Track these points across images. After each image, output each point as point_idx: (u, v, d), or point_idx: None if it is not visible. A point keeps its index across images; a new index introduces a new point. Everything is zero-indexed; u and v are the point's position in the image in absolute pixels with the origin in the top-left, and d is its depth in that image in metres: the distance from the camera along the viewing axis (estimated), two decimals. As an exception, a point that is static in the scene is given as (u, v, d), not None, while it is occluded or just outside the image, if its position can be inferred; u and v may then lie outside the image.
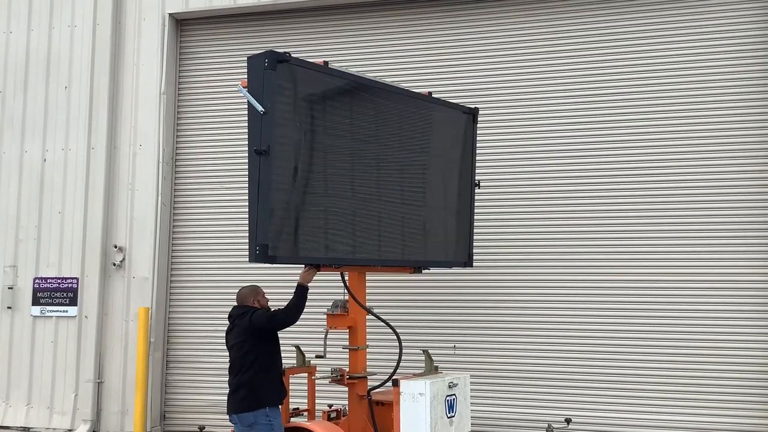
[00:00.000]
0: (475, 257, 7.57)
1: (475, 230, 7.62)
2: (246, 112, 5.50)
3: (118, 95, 9.50)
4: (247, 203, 9.03)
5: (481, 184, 7.54)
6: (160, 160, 9.25)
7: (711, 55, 7.93)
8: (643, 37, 8.15)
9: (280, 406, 6.08)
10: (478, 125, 7.57)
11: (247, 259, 5.91)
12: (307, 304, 7.92)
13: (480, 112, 7.60)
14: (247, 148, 5.70)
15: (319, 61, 6.23)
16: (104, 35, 9.53)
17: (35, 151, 9.64)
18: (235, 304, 6.26)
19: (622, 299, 7.91)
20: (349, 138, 6.20)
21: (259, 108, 5.48)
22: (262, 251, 5.48)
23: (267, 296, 6.34)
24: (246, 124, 9.43)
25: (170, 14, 9.46)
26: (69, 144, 9.52)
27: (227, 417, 6.11)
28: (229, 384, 6.04)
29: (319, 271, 6.07)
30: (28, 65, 9.81)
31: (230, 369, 6.05)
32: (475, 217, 7.77)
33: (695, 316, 7.69)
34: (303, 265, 6.03)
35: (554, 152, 8.29)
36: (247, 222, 9.14)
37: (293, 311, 5.92)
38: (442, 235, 7.05)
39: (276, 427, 5.95)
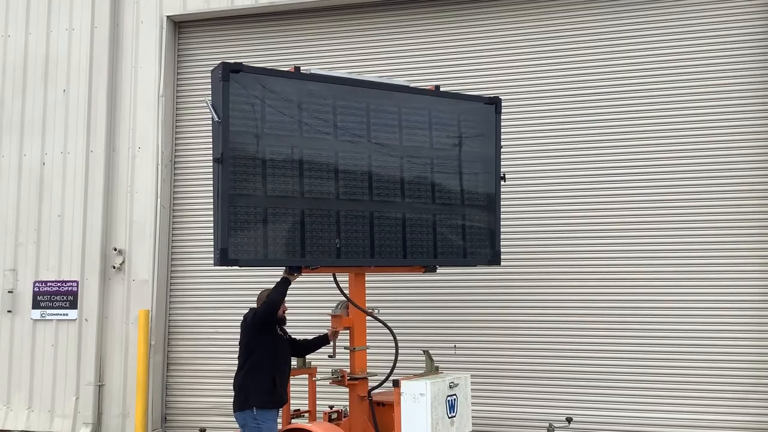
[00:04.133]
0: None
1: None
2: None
3: (116, 98, 9.50)
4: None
5: (506, 177, 7.27)
6: (159, 163, 9.25)
7: (714, 60, 7.92)
8: (649, 42, 8.14)
9: (275, 410, 6.09)
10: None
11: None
12: (311, 305, 7.96)
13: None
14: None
15: (291, 67, 6.32)
16: (102, 38, 9.53)
17: (34, 154, 9.64)
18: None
19: (624, 299, 7.90)
20: (330, 139, 6.24)
21: (215, 117, 5.78)
22: (222, 255, 5.73)
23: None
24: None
25: (168, 16, 9.46)
26: (68, 147, 9.52)
27: (228, 419, 6.19)
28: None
29: (301, 273, 6.15)
30: (26, 68, 9.81)
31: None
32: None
33: (697, 315, 7.69)
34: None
35: (560, 155, 8.28)
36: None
37: (268, 303, 6.09)
38: (458, 233, 6.88)
39: (265, 430, 5.96)
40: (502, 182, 7.15)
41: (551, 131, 8.33)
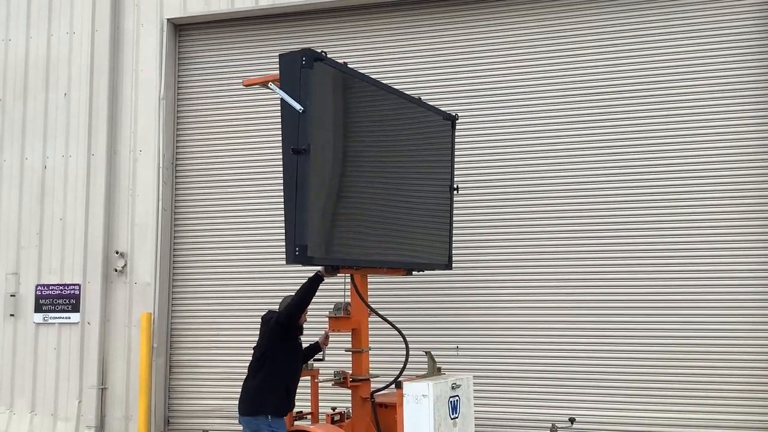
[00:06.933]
0: (477, 258, 7.65)
1: (475, 231, 7.66)
2: (243, 114, 5.44)
3: (117, 101, 9.51)
4: (248, 205, 9.10)
5: (459, 188, 7.54)
6: (161, 165, 9.26)
7: (706, 60, 7.93)
8: (637, 41, 8.15)
9: (284, 417, 6.05)
10: (474, 129, 7.60)
11: (259, 261, 5.73)
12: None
13: (474, 114, 7.60)
14: (249, 149, 5.73)
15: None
16: (103, 41, 9.55)
17: (35, 158, 9.65)
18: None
19: (625, 299, 7.89)
20: (369, 141, 6.21)
21: (297, 106, 5.33)
22: (302, 252, 5.26)
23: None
24: (245, 127, 9.52)
25: (168, 19, 9.47)
26: (69, 150, 9.53)
27: (232, 421, 6.13)
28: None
29: (338, 273, 5.99)
30: (27, 72, 9.82)
31: (247, 371, 6.13)
32: (478, 219, 7.88)
33: (698, 314, 7.68)
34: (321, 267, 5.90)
35: (548, 153, 8.29)
36: (249, 225, 9.22)
37: (293, 305, 5.89)
38: (427, 238, 7.05)
39: None
40: (456, 193, 7.41)
41: (556, 130, 8.33)
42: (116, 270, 9.24)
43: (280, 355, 5.99)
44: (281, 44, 9.27)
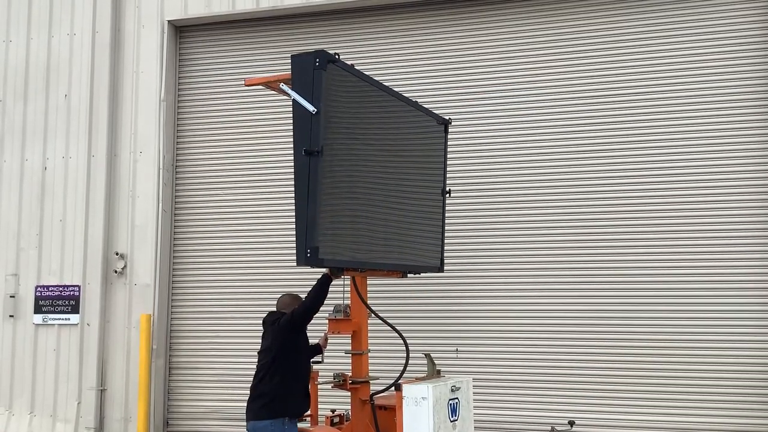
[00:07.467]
0: (477, 260, 7.64)
1: (470, 234, 7.69)
2: (244, 115, 5.42)
3: (117, 102, 9.52)
4: (247, 207, 9.10)
5: (452, 192, 7.49)
6: (161, 167, 9.26)
7: (711, 55, 7.94)
8: (641, 38, 8.16)
9: (297, 419, 6.02)
10: (470, 132, 7.65)
11: (258, 263, 5.63)
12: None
13: (474, 115, 7.60)
14: (250, 152, 5.68)
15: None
16: (103, 43, 9.56)
17: (36, 159, 9.66)
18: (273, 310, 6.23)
19: (624, 302, 7.90)
20: (372, 143, 6.20)
21: (310, 108, 5.32)
22: (313, 254, 5.24)
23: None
24: (246, 129, 9.52)
25: (169, 21, 9.47)
26: (69, 152, 9.53)
27: (229, 423, 6.06)
28: (250, 389, 6.00)
29: (343, 275, 5.97)
30: (27, 73, 9.83)
31: (255, 374, 6.02)
32: (475, 221, 7.90)
33: (695, 317, 7.68)
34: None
35: (553, 149, 8.30)
36: (248, 227, 9.21)
37: (308, 307, 5.82)
38: (421, 241, 7.05)
39: None
40: (448, 196, 7.39)
41: (553, 128, 8.35)
42: (116, 271, 9.24)
43: (293, 353, 5.94)
44: (282, 46, 9.28)
